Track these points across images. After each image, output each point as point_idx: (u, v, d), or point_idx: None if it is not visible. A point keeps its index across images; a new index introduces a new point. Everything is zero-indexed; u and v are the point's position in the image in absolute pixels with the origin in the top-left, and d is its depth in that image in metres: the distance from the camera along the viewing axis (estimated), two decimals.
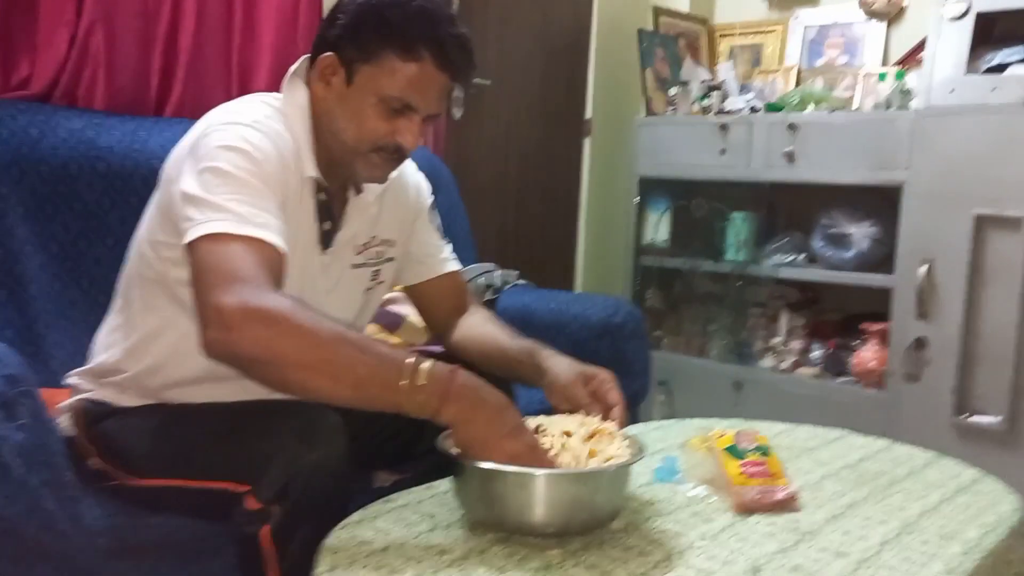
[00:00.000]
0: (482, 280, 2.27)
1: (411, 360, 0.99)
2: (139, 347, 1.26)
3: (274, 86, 1.30)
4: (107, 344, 1.30)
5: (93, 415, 1.26)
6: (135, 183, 1.72)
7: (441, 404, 0.98)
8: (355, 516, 1.06)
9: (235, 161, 1.10)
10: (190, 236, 1.05)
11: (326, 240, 1.27)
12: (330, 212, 1.27)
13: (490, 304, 2.21)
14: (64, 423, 1.28)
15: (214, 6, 1.99)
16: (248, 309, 0.97)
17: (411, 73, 1.16)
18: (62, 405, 1.31)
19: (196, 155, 1.12)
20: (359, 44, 1.17)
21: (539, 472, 0.99)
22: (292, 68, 1.26)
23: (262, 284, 1.01)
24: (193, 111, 1.94)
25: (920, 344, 2.48)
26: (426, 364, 0.99)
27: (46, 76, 1.75)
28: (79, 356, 1.53)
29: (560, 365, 1.27)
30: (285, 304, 1.00)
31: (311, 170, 1.22)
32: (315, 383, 0.99)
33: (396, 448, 1.40)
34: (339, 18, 1.20)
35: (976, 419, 2.39)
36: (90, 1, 1.76)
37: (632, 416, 1.81)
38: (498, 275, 2.30)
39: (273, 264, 1.05)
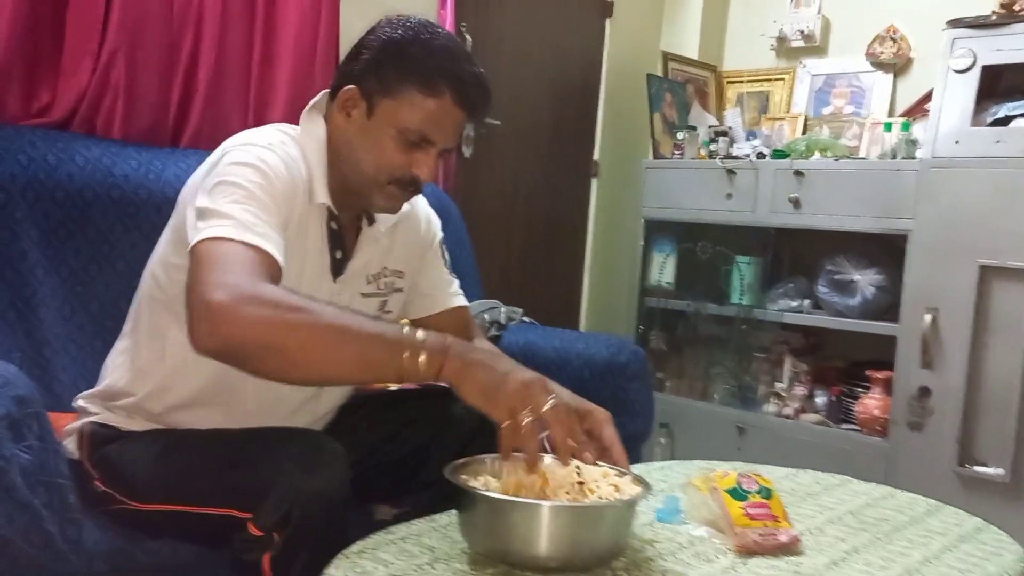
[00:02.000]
0: (487, 316, 2.28)
1: (407, 330, 1.01)
2: (145, 369, 1.27)
3: (290, 120, 1.32)
4: (116, 367, 1.32)
5: (99, 438, 1.27)
6: (148, 211, 1.74)
7: (442, 363, 1.00)
8: (355, 547, 1.06)
9: (246, 175, 1.12)
10: (192, 241, 1.06)
11: (337, 268, 1.29)
12: (342, 241, 1.29)
13: (494, 340, 2.22)
14: (70, 446, 1.29)
15: (234, 40, 2.03)
16: (240, 297, 0.97)
17: (431, 108, 1.20)
18: (68, 428, 1.32)
19: (211, 175, 1.15)
20: (382, 78, 1.21)
21: (545, 504, 0.99)
22: (312, 101, 1.30)
23: (256, 277, 1.01)
24: (209, 143, 1.97)
25: (924, 393, 2.48)
26: (420, 332, 1.01)
27: (67, 104, 1.78)
28: (84, 381, 1.54)
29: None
30: (278, 290, 1.01)
31: (323, 197, 1.24)
32: (317, 360, 0.99)
33: (397, 481, 1.40)
34: (363, 53, 1.23)
35: (980, 470, 2.38)
36: (113, 32, 1.80)
37: (633, 457, 1.80)
38: (503, 311, 2.31)
39: (270, 271, 1.06)
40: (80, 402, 1.34)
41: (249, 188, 1.11)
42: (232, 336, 0.97)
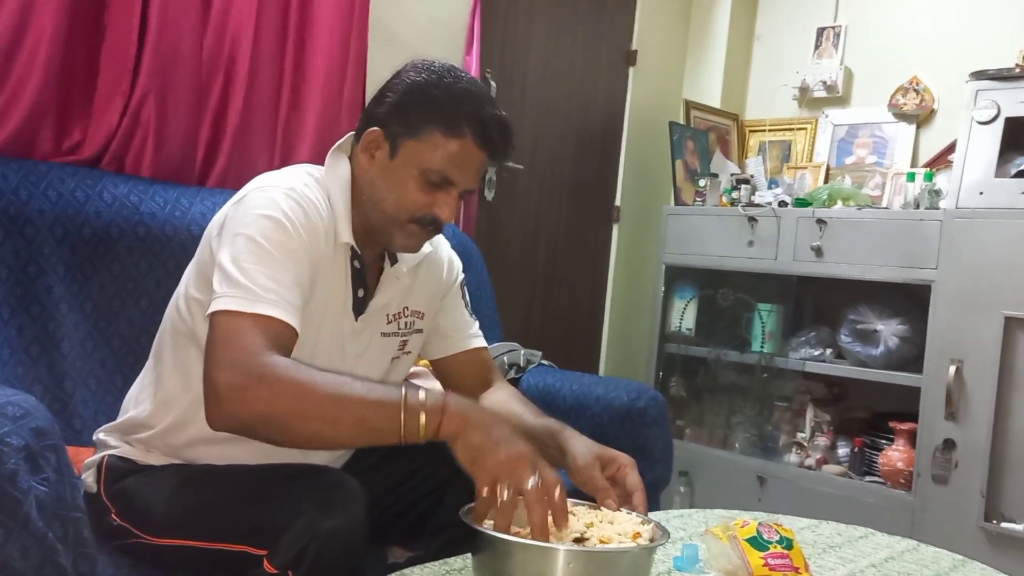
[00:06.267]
0: (506, 359, 2.28)
1: (405, 391, 1.04)
2: (167, 402, 1.28)
3: (316, 162, 1.34)
4: (138, 400, 1.32)
5: (117, 472, 1.27)
6: (173, 248, 1.76)
7: (440, 421, 1.03)
8: None
9: (264, 231, 1.14)
10: (211, 309, 1.11)
11: (359, 307, 1.30)
12: (364, 280, 1.30)
13: (513, 383, 2.21)
14: (88, 479, 1.29)
15: (263, 84, 2.07)
16: (243, 377, 1.03)
17: (453, 149, 1.21)
18: (87, 461, 1.32)
19: (231, 219, 1.18)
20: (405, 120, 1.22)
21: (561, 547, 0.98)
22: (337, 143, 1.32)
23: (262, 353, 1.05)
24: (236, 182, 1.99)
25: (949, 446, 2.44)
26: (420, 392, 1.05)
27: (97, 142, 1.81)
28: (104, 415, 1.55)
29: (580, 447, 1.27)
30: (279, 363, 1.05)
31: (346, 236, 1.25)
32: (319, 429, 1.04)
33: (411, 523, 1.38)
34: (388, 96, 1.26)
35: (1007, 526, 2.32)
36: (145, 73, 1.84)
37: (652, 505, 1.78)
38: (522, 354, 2.31)
39: (280, 338, 1.09)
40: (100, 435, 1.34)
41: (265, 247, 1.13)
42: (237, 417, 1.04)
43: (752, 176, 3.09)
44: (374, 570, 1.30)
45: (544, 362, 2.36)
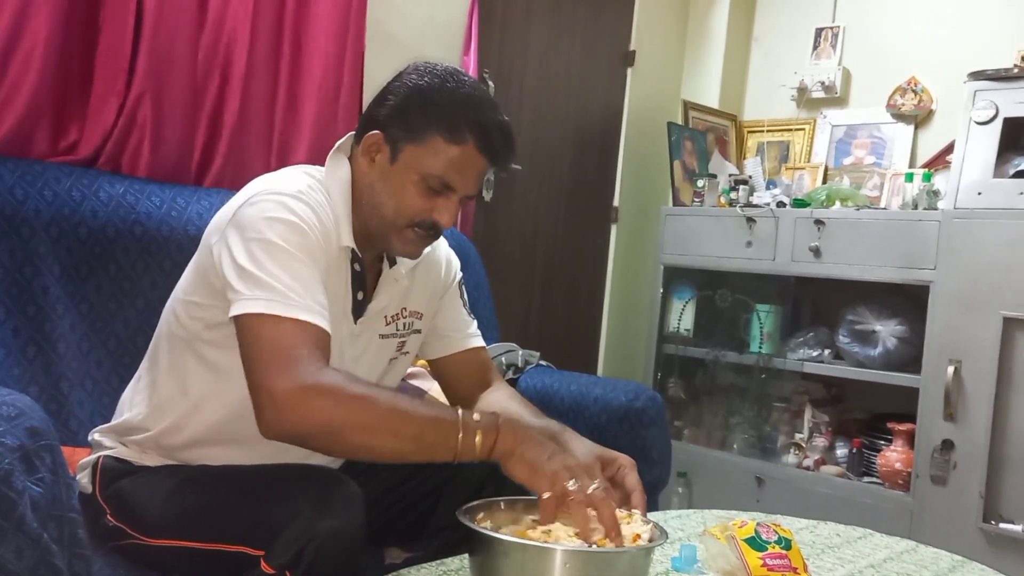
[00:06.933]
0: (504, 359, 2.27)
1: (463, 412, 1.09)
2: (162, 406, 1.27)
3: (312, 162, 1.33)
4: (133, 402, 1.32)
5: (112, 472, 1.26)
6: (169, 249, 1.76)
7: (494, 442, 1.07)
8: None
9: (283, 234, 1.13)
10: (238, 310, 1.09)
11: (358, 310, 1.29)
12: (363, 283, 1.30)
13: (511, 383, 2.20)
14: (83, 480, 1.29)
15: (259, 85, 2.06)
16: (304, 388, 1.03)
17: (454, 155, 1.20)
18: (83, 462, 1.32)
19: (241, 224, 1.15)
20: (406, 124, 1.21)
21: (559, 547, 0.98)
22: (337, 143, 1.31)
23: (314, 362, 1.06)
24: (232, 182, 2.00)
25: (947, 446, 2.43)
26: (475, 413, 1.09)
27: (93, 142, 1.81)
28: (100, 416, 1.54)
29: (580, 448, 1.26)
30: (338, 377, 1.06)
31: (347, 240, 1.24)
32: (378, 442, 1.06)
33: (409, 524, 1.38)
34: (389, 99, 1.24)
35: (1005, 527, 2.32)
36: (141, 73, 1.83)
37: (651, 506, 1.78)
38: (520, 355, 2.31)
39: (322, 344, 1.09)
40: (95, 436, 1.34)
41: (288, 250, 1.12)
42: (297, 426, 1.04)
43: (750, 177, 3.09)
44: (372, 571, 1.30)
45: (542, 363, 2.36)
